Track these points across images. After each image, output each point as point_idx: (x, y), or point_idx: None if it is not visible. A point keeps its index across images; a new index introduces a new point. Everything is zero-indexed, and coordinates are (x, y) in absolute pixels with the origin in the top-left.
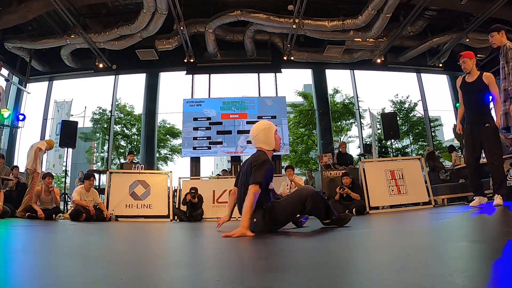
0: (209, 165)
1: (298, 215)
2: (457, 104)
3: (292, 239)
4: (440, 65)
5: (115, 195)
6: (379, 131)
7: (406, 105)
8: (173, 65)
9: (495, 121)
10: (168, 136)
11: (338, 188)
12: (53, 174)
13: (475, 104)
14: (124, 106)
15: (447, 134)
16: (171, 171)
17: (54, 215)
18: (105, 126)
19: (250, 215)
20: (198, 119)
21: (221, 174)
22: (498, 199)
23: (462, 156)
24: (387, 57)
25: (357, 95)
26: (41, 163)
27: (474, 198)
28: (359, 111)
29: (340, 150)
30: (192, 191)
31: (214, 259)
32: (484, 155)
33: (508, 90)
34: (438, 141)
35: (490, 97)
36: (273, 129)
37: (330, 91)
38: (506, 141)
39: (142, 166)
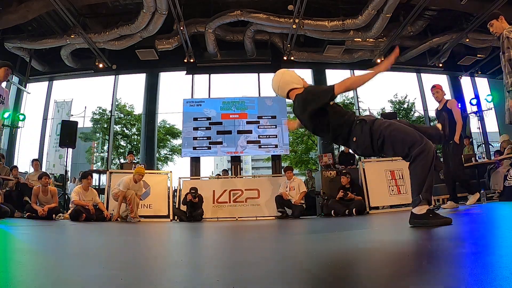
0: (209, 165)
1: None
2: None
3: (293, 240)
4: (440, 65)
5: None
6: None
7: (405, 105)
8: (173, 65)
9: (455, 137)
10: (168, 136)
11: (341, 192)
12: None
13: (444, 126)
14: (124, 106)
15: None
16: (171, 171)
17: (54, 215)
18: (105, 126)
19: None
20: (198, 119)
21: (221, 174)
22: (472, 199)
23: (462, 156)
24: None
25: (357, 95)
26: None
27: (447, 201)
28: (359, 111)
29: (343, 149)
30: (192, 191)
31: (214, 259)
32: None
33: (505, 84)
34: None
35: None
36: (290, 71)
37: None
38: None
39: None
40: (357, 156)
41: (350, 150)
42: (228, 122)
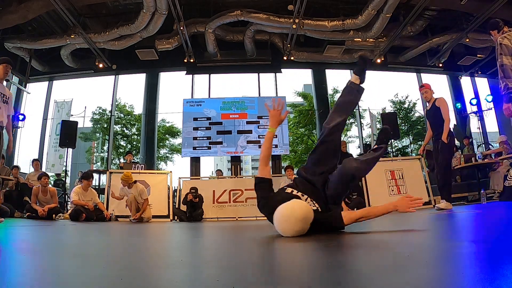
0: (209, 165)
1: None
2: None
3: (292, 240)
4: (440, 65)
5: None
6: (379, 131)
7: (406, 105)
8: (173, 65)
9: (442, 136)
10: (167, 135)
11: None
12: (49, 174)
13: (434, 125)
14: (124, 106)
15: None
16: (171, 171)
17: (54, 215)
18: (105, 126)
19: None
20: (198, 119)
21: (215, 174)
22: (442, 204)
23: (462, 156)
24: (387, 57)
25: None
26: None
27: (441, 201)
28: (359, 111)
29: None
30: (192, 191)
31: (214, 259)
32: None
33: (501, 88)
34: None
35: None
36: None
37: (330, 91)
38: None
39: (142, 166)
40: (354, 156)
41: (348, 150)
42: (228, 122)
